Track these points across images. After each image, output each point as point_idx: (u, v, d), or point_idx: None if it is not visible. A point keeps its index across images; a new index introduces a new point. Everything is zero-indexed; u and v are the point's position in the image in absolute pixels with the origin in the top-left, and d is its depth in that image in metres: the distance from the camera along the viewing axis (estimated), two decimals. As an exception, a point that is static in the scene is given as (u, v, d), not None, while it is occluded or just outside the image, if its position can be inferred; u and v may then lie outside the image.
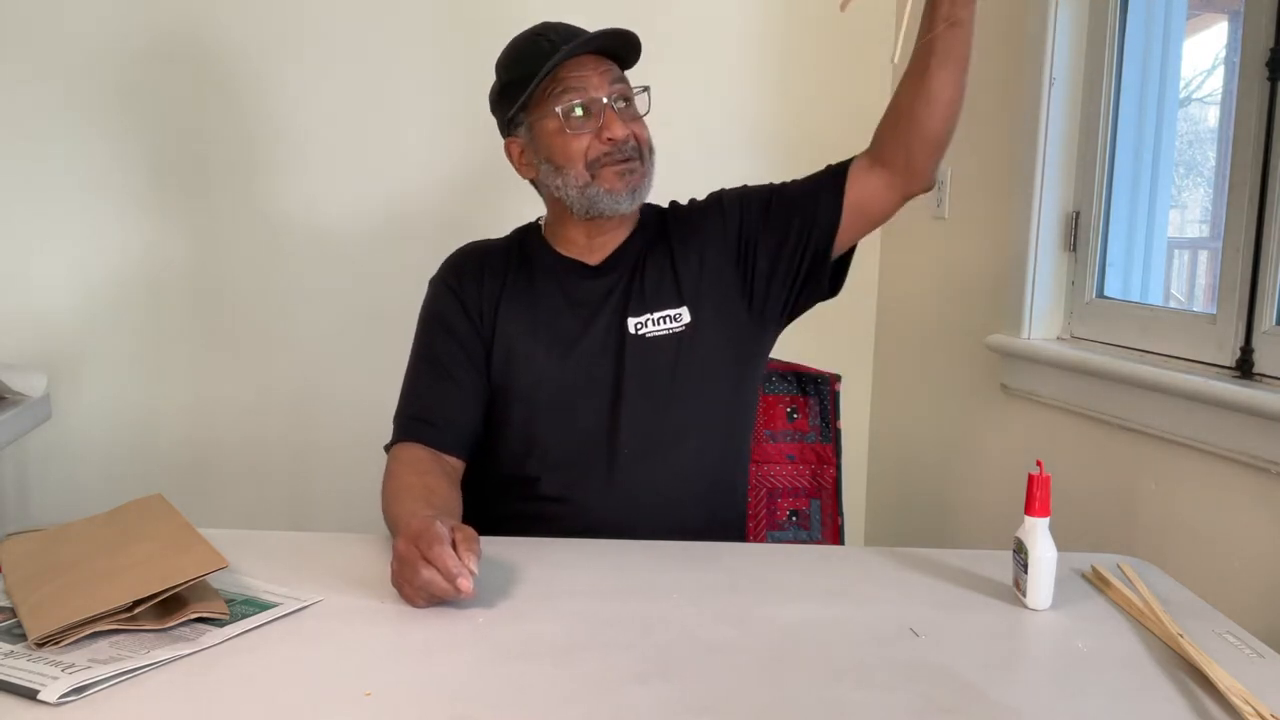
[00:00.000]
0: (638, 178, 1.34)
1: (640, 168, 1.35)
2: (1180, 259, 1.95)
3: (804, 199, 1.38)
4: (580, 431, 1.35)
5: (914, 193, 1.37)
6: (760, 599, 1.09)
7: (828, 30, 2.31)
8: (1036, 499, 1.07)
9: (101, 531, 1.12)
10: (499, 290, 1.40)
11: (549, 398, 1.36)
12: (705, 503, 1.38)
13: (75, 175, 2.14)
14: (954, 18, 1.24)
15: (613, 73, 1.34)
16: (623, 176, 1.33)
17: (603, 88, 1.32)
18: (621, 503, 1.33)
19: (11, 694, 0.84)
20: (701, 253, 1.39)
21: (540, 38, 1.33)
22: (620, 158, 1.32)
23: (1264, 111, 1.38)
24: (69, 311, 2.16)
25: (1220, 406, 1.37)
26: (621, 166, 1.33)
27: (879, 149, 1.36)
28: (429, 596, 1.01)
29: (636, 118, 1.36)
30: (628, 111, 1.35)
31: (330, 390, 2.26)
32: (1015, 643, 1.03)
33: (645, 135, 1.36)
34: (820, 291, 1.41)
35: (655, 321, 1.36)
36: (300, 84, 2.18)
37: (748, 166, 2.32)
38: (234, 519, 2.12)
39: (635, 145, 1.34)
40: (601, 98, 1.31)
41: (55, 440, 2.16)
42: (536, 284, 1.40)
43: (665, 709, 0.85)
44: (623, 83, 1.35)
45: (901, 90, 1.32)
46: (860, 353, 2.43)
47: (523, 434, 1.37)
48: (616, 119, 1.32)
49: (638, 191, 1.35)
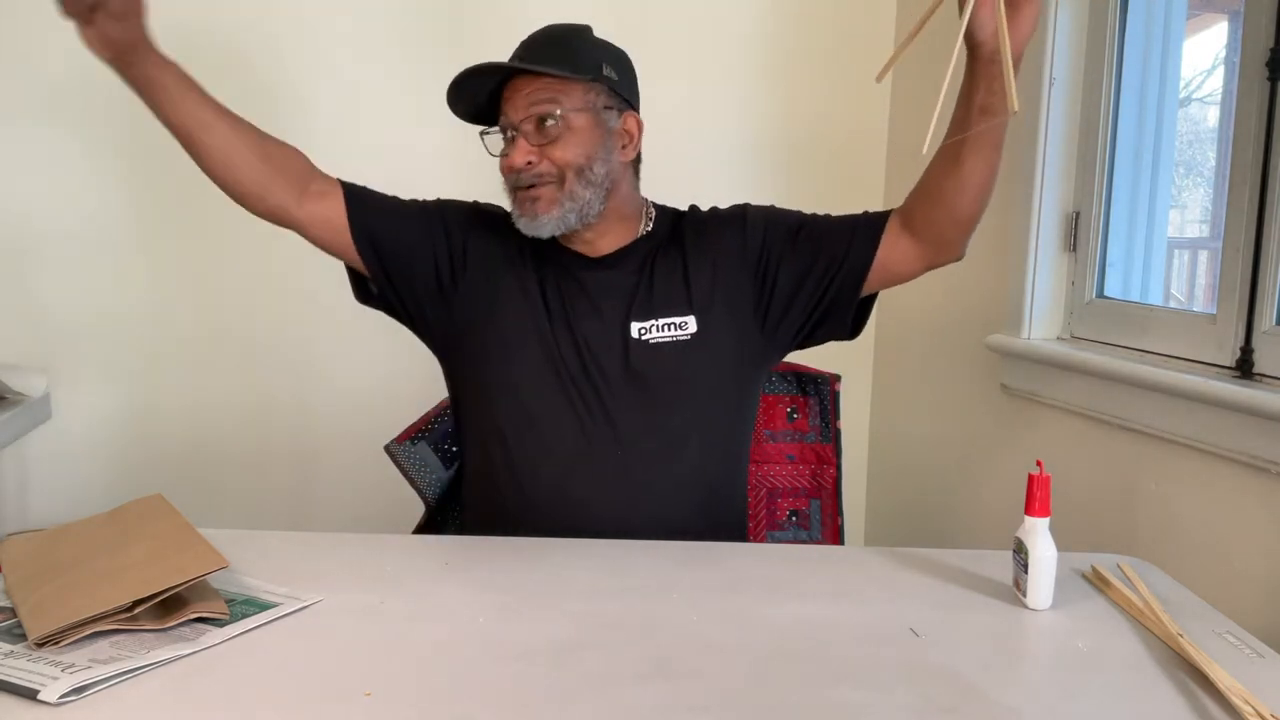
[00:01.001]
0: (543, 205, 1.31)
1: (551, 194, 1.31)
2: (1180, 259, 1.95)
3: (837, 234, 1.37)
4: (578, 429, 1.34)
5: (942, 263, 1.38)
6: (760, 599, 1.09)
7: (828, 30, 2.31)
8: (1036, 499, 1.07)
9: (101, 531, 1.12)
10: (502, 258, 1.39)
11: (548, 387, 1.35)
12: (704, 507, 1.38)
13: (75, 174, 2.14)
14: (989, 107, 1.21)
15: (538, 94, 1.30)
16: (523, 204, 1.33)
17: (521, 111, 1.31)
18: (619, 503, 1.33)
19: (11, 694, 0.84)
20: (716, 262, 1.38)
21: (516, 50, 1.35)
22: (519, 185, 1.33)
23: (1264, 111, 1.38)
24: (69, 312, 2.16)
25: (1220, 406, 1.37)
26: (523, 194, 1.33)
27: (909, 219, 1.35)
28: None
29: (556, 140, 1.30)
30: (543, 134, 1.30)
31: (330, 390, 2.25)
32: (1015, 643, 1.03)
33: (564, 156, 1.30)
34: (841, 328, 1.40)
35: (660, 328, 1.35)
36: (301, 83, 2.18)
37: (748, 166, 2.33)
38: (234, 519, 2.12)
39: (545, 171, 1.31)
40: (513, 121, 1.31)
41: (55, 440, 2.16)
42: (544, 267, 1.39)
43: (665, 709, 0.85)
44: (547, 102, 1.30)
45: (932, 170, 1.30)
46: (860, 353, 2.43)
47: (518, 428, 1.35)
48: (519, 146, 1.30)
49: (540, 218, 1.31)
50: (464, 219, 1.42)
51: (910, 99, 2.27)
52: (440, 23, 2.20)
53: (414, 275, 1.39)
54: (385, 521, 1.28)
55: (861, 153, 2.35)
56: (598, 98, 1.34)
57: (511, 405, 1.36)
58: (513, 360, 1.36)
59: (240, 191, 1.32)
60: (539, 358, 1.35)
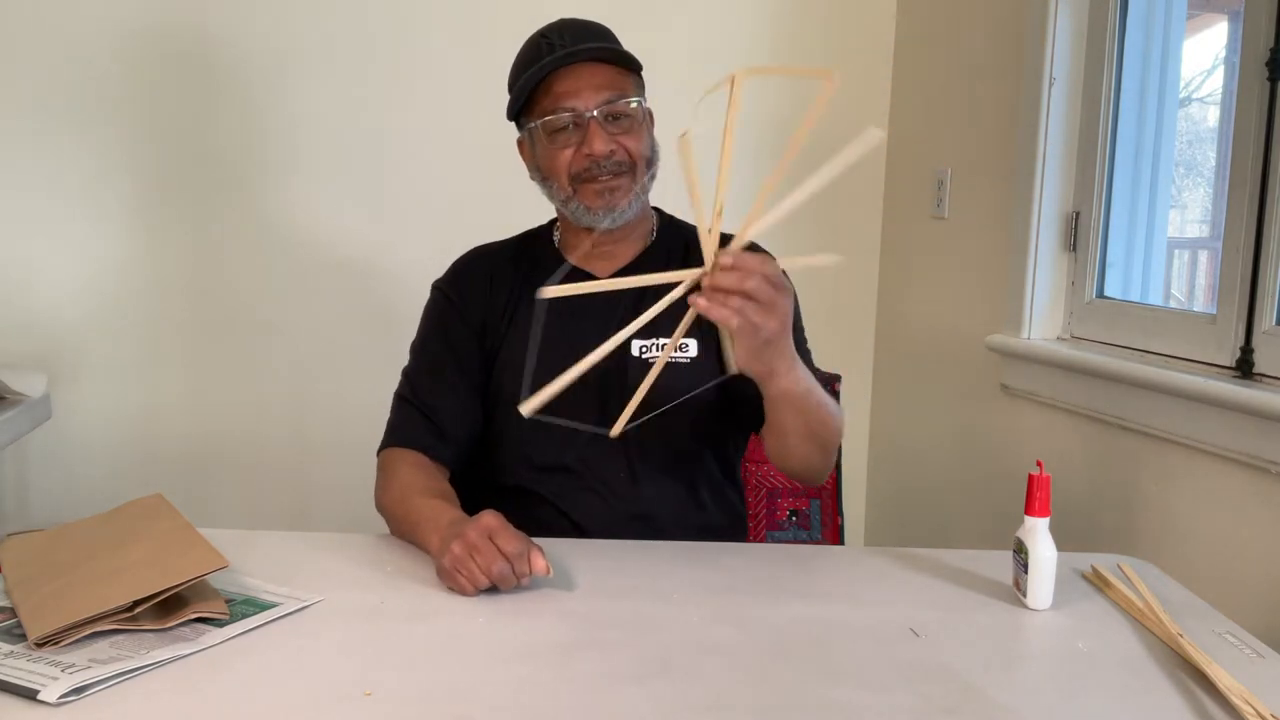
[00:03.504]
0: (620, 195, 1.30)
1: (625, 183, 1.30)
2: (1180, 259, 1.95)
3: (744, 388, 1.30)
4: (576, 446, 1.33)
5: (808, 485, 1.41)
6: (760, 599, 1.09)
7: (828, 31, 2.31)
8: (1036, 499, 1.07)
9: (101, 531, 1.12)
10: (507, 301, 1.38)
11: (547, 409, 1.34)
12: (703, 516, 1.38)
13: (76, 175, 2.14)
14: (777, 425, 1.23)
15: (605, 82, 1.29)
16: (601, 195, 1.29)
17: (591, 99, 1.27)
18: (618, 516, 1.33)
19: (11, 694, 0.84)
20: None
21: (544, 40, 1.30)
22: (599, 174, 1.29)
23: (1264, 111, 1.38)
24: (69, 311, 2.16)
25: (1220, 406, 1.37)
26: (600, 184, 1.29)
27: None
28: (493, 580, 1.05)
29: (629, 130, 1.29)
30: (617, 124, 1.29)
31: (330, 390, 2.26)
32: (1015, 643, 1.03)
33: (638, 148, 1.30)
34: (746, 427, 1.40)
35: (661, 348, 1.34)
36: (299, 86, 2.18)
37: (748, 166, 2.32)
38: (234, 519, 2.12)
39: (621, 160, 1.29)
40: (588, 110, 1.27)
41: (55, 440, 2.16)
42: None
43: (665, 709, 0.85)
44: (615, 92, 1.28)
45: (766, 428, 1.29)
46: (860, 353, 2.43)
47: (521, 446, 1.36)
48: (599, 133, 1.27)
49: (618, 209, 1.30)
50: (463, 302, 1.39)
51: (911, 99, 2.27)
52: (443, 26, 2.20)
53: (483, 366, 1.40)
54: (385, 522, 1.28)
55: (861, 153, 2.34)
56: (641, 93, 1.34)
57: (511, 416, 1.36)
58: (512, 376, 1.35)
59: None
60: (544, 379, 1.35)
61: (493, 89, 1.89)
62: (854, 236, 2.37)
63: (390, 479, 1.29)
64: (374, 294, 2.23)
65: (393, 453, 1.34)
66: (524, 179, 1.41)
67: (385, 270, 2.22)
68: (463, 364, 1.37)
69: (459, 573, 1.06)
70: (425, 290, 1.45)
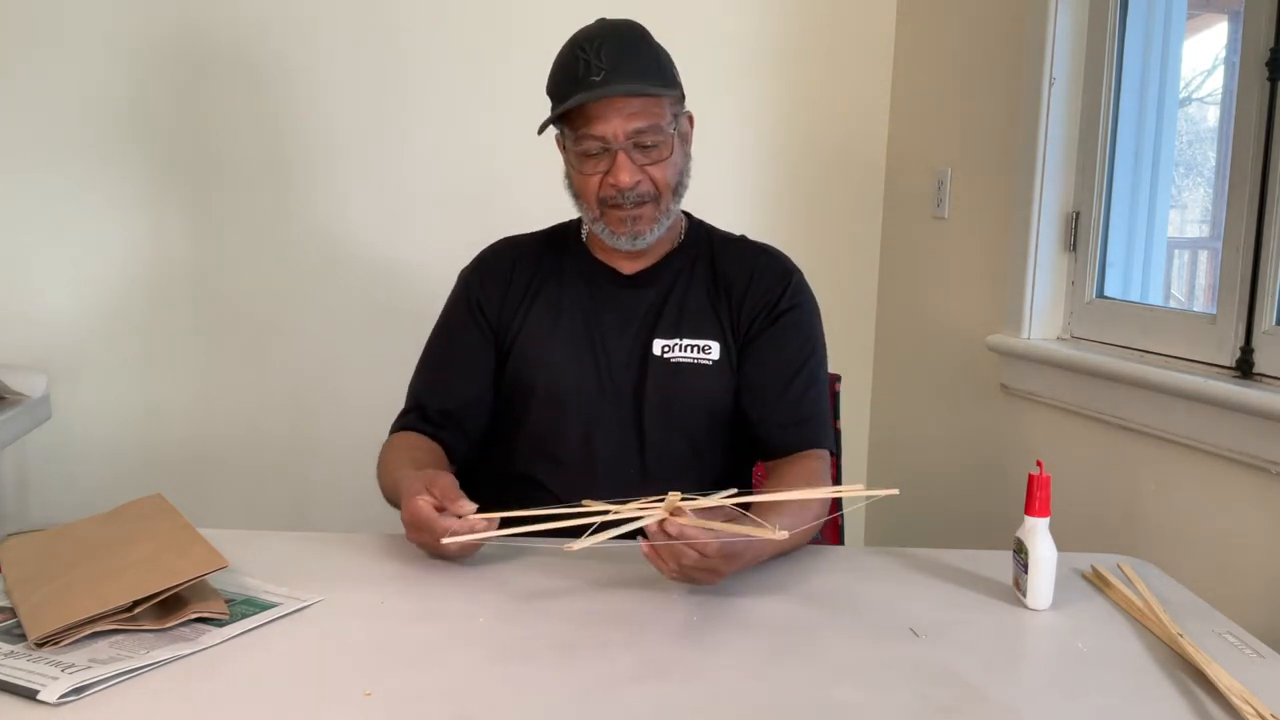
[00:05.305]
0: (643, 224, 1.32)
1: (649, 211, 1.32)
2: (1180, 259, 1.95)
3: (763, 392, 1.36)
4: (592, 441, 1.35)
5: None
6: (760, 599, 1.09)
7: (828, 31, 2.31)
8: (1036, 499, 1.07)
9: (101, 531, 1.12)
10: (527, 292, 1.40)
11: (566, 403, 1.35)
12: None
13: (77, 175, 2.14)
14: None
15: (637, 110, 1.28)
16: (624, 222, 1.31)
17: (620, 130, 1.27)
18: None
19: (11, 694, 0.84)
20: (741, 305, 1.38)
21: (581, 56, 1.28)
22: (623, 203, 1.30)
23: (1264, 111, 1.38)
24: (69, 311, 2.16)
25: (1220, 406, 1.37)
26: (624, 213, 1.31)
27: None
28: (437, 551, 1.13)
29: (657, 160, 1.30)
30: (646, 154, 1.29)
31: (330, 390, 2.26)
32: (1015, 643, 1.03)
33: (664, 177, 1.31)
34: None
35: (683, 349, 1.36)
36: (303, 85, 2.18)
37: (748, 166, 2.33)
38: (234, 519, 2.12)
39: (646, 191, 1.30)
40: (616, 140, 1.28)
41: (55, 440, 2.16)
42: (565, 286, 1.40)
43: (664, 709, 0.85)
44: (646, 121, 1.28)
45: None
46: (860, 353, 2.43)
47: (536, 435, 1.37)
48: (626, 165, 1.28)
49: (641, 236, 1.33)
50: (483, 291, 1.41)
51: (910, 99, 2.27)
52: (452, 25, 2.20)
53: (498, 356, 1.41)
54: (385, 521, 1.28)
55: (862, 153, 2.35)
56: (677, 105, 1.34)
57: (529, 408, 1.37)
58: (533, 369, 1.37)
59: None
60: (558, 368, 1.36)
61: (496, 89, 1.92)
62: (854, 236, 2.37)
63: (381, 456, 1.36)
64: (374, 295, 2.23)
65: (392, 436, 1.39)
66: (525, 181, 1.42)
67: (386, 271, 2.22)
68: (475, 352, 1.40)
69: (422, 546, 1.17)
70: (425, 290, 1.45)
